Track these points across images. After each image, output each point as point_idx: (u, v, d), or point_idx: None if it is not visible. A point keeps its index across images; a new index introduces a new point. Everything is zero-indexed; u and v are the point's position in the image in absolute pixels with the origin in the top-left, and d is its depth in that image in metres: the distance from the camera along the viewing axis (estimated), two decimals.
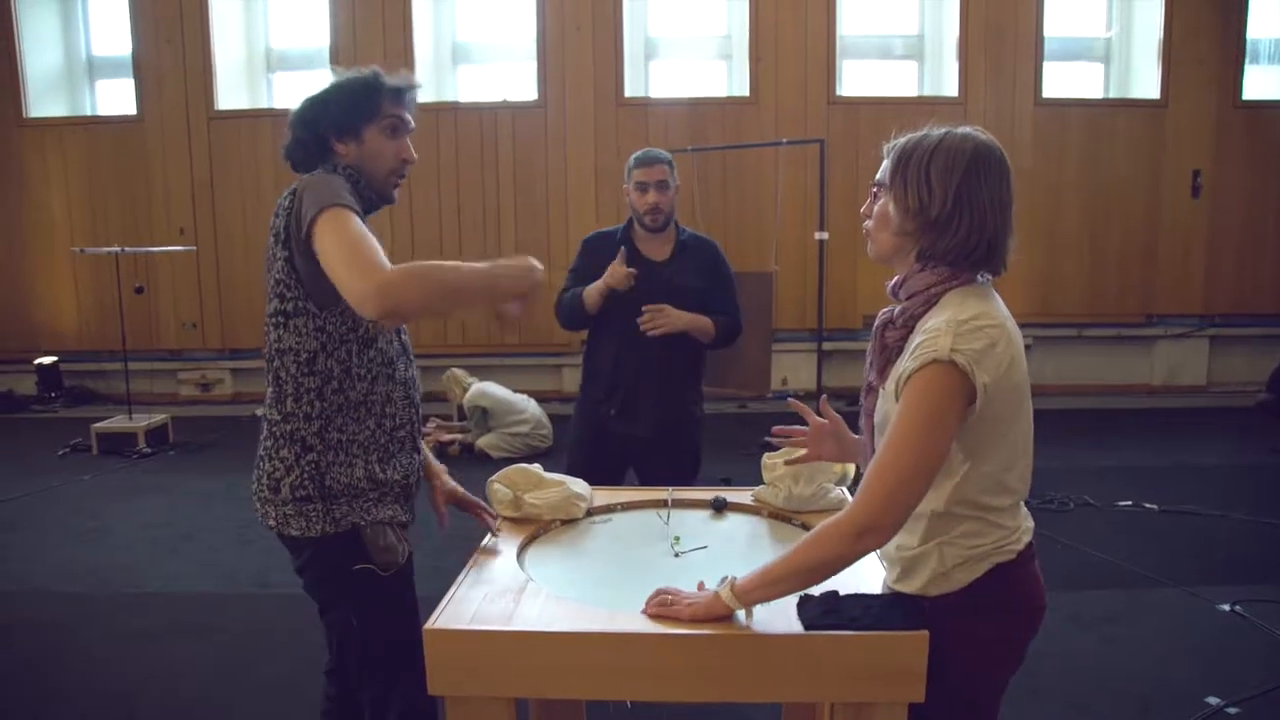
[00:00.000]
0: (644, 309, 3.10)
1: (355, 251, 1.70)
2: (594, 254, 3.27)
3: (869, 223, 1.69)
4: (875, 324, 1.70)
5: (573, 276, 3.30)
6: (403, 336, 2.09)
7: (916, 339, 1.56)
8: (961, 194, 1.56)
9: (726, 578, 1.61)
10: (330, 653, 2.20)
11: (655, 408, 3.22)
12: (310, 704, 2.29)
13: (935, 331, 1.52)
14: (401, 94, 2.01)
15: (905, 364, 1.54)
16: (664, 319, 3.10)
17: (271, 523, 1.96)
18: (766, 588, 1.58)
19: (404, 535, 2.04)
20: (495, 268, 1.82)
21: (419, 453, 2.12)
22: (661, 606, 1.63)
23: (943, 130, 1.62)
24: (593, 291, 3.15)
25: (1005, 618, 1.64)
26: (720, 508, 2.30)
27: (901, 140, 1.66)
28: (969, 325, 1.52)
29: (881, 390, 1.65)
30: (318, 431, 1.92)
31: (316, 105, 1.98)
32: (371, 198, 2.01)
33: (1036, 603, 1.67)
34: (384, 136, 1.99)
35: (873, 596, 1.68)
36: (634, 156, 3.28)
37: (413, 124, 2.05)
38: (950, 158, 1.57)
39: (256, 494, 1.99)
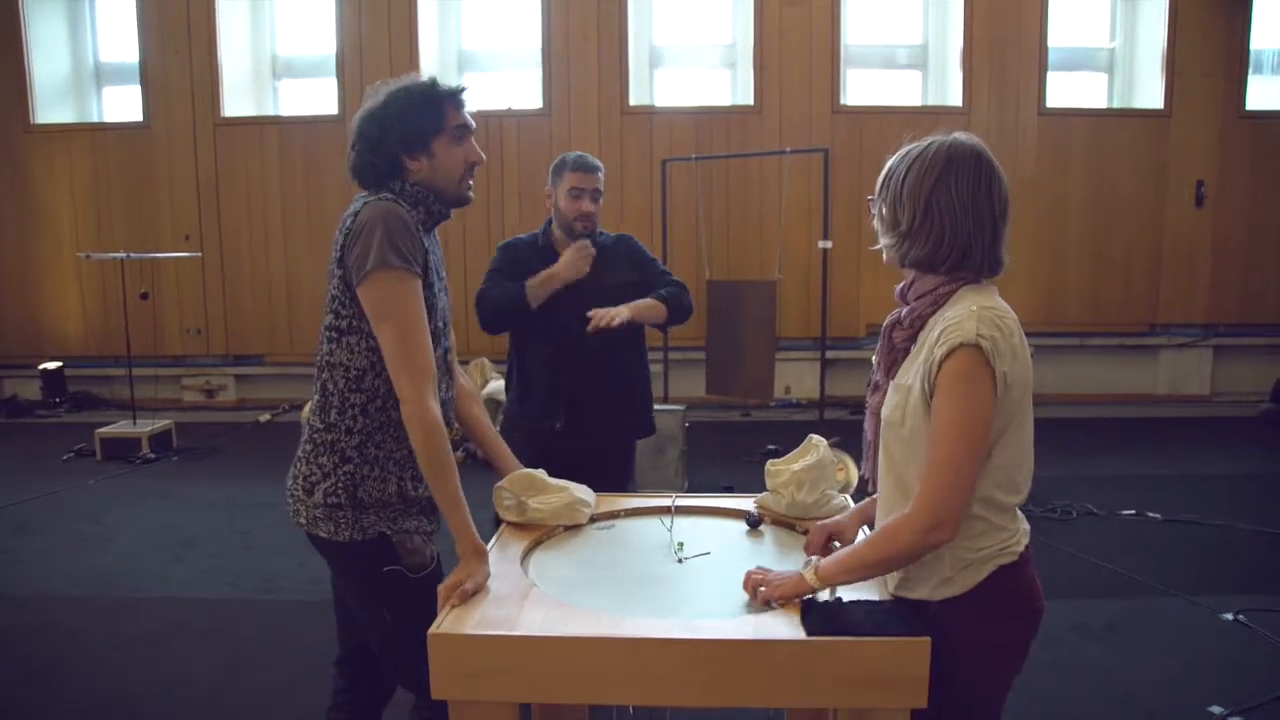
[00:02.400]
0: (588, 314, 2.91)
1: (411, 355, 1.87)
2: (517, 259, 3.08)
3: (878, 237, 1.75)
4: (884, 325, 1.75)
5: (496, 276, 3.07)
6: (448, 356, 2.12)
7: (935, 330, 1.60)
8: (931, 205, 1.61)
9: (811, 560, 1.72)
10: (339, 645, 2.23)
11: (607, 420, 3.08)
12: (314, 708, 2.30)
13: (958, 318, 1.57)
14: (459, 97, 2.02)
15: (934, 352, 1.57)
16: (605, 315, 2.91)
17: (302, 520, 2.01)
18: (845, 574, 1.68)
19: (430, 540, 2.07)
20: (460, 517, 1.89)
21: None
22: (756, 586, 1.73)
23: (928, 142, 1.66)
24: (540, 282, 2.95)
25: (1007, 619, 1.65)
26: (755, 524, 2.26)
27: (894, 156, 1.71)
28: (989, 313, 1.57)
29: (891, 386, 1.68)
30: (358, 445, 1.97)
31: (379, 123, 1.97)
32: (440, 210, 2.04)
33: (1036, 604, 1.69)
34: (452, 145, 2.01)
35: (875, 603, 1.69)
36: (567, 160, 3.13)
37: (473, 125, 2.06)
38: (922, 171, 1.63)
39: (290, 491, 2.04)
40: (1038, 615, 1.70)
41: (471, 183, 2.08)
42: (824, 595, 1.72)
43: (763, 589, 1.72)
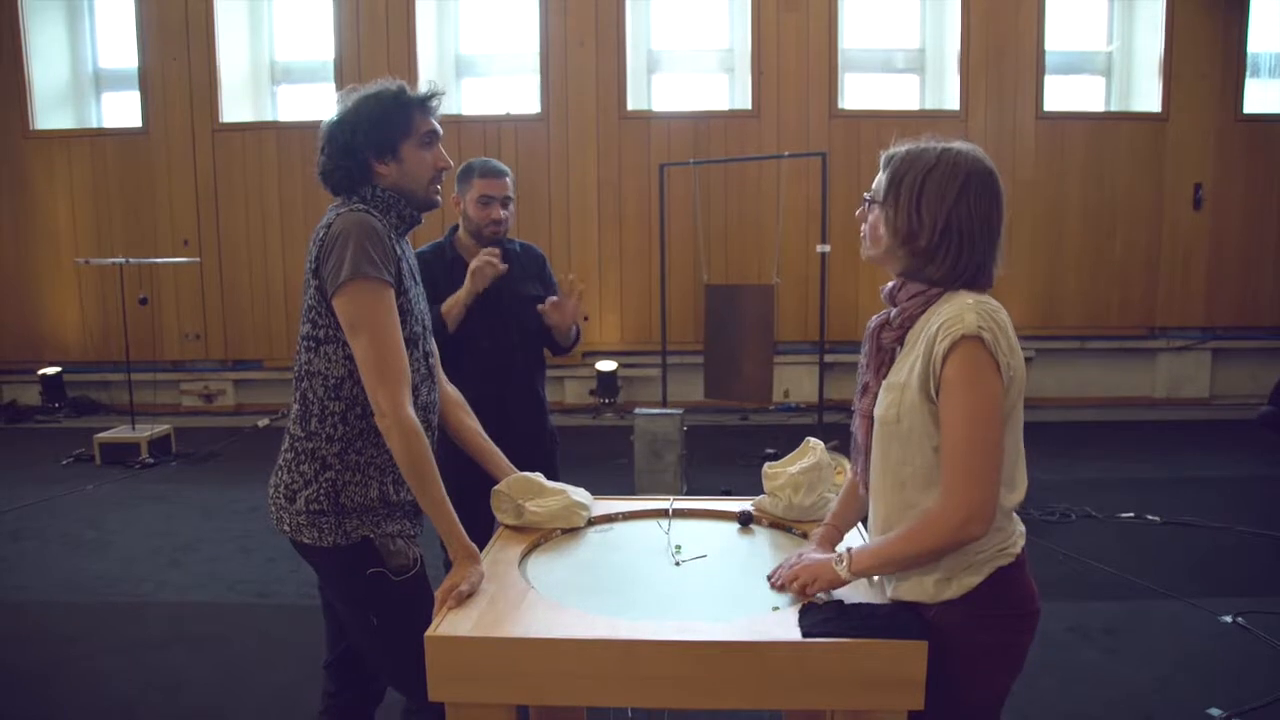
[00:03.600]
0: (569, 277, 3.03)
1: (384, 364, 1.88)
2: (427, 275, 2.83)
3: (864, 228, 1.72)
4: (870, 327, 1.73)
5: None
6: (429, 360, 2.13)
7: (933, 326, 1.58)
8: (951, 223, 1.59)
9: (845, 552, 1.70)
10: (328, 648, 2.23)
11: (522, 424, 3.03)
12: (311, 712, 2.30)
13: (957, 313, 1.56)
14: (428, 104, 2.05)
15: (936, 348, 1.55)
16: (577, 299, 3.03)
17: (286, 528, 2.03)
18: (878, 569, 1.69)
19: (412, 542, 2.08)
20: (447, 521, 1.92)
21: None
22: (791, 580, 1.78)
23: (938, 148, 1.64)
24: (455, 303, 2.91)
25: (1007, 621, 1.65)
26: (746, 522, 2.27)
27: (898, 152, 1.68)
28: (985, 307, 1.56)
29: (883, 386, 1.67)
30: (338, 453, 1.98)
31: (349, 128, 2.00)
32: (411, 215, 2.07)
33: (1032, 605, 1.69)
34: (421, 150, 2.04)
35: (873, 606, 1.69)
36: (474, 166, 3.03)
37: (441, 131, 2.09)
38: (943, 185, 1.60)
39: (272, 499, 2.06)
40: (1035, 617, 1.69)
41: (439, 187, 2.10)
42: (821, 596, 1.74)
43: (795, 582, 1.75)
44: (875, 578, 1.78)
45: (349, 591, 2.05)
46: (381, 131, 1.99)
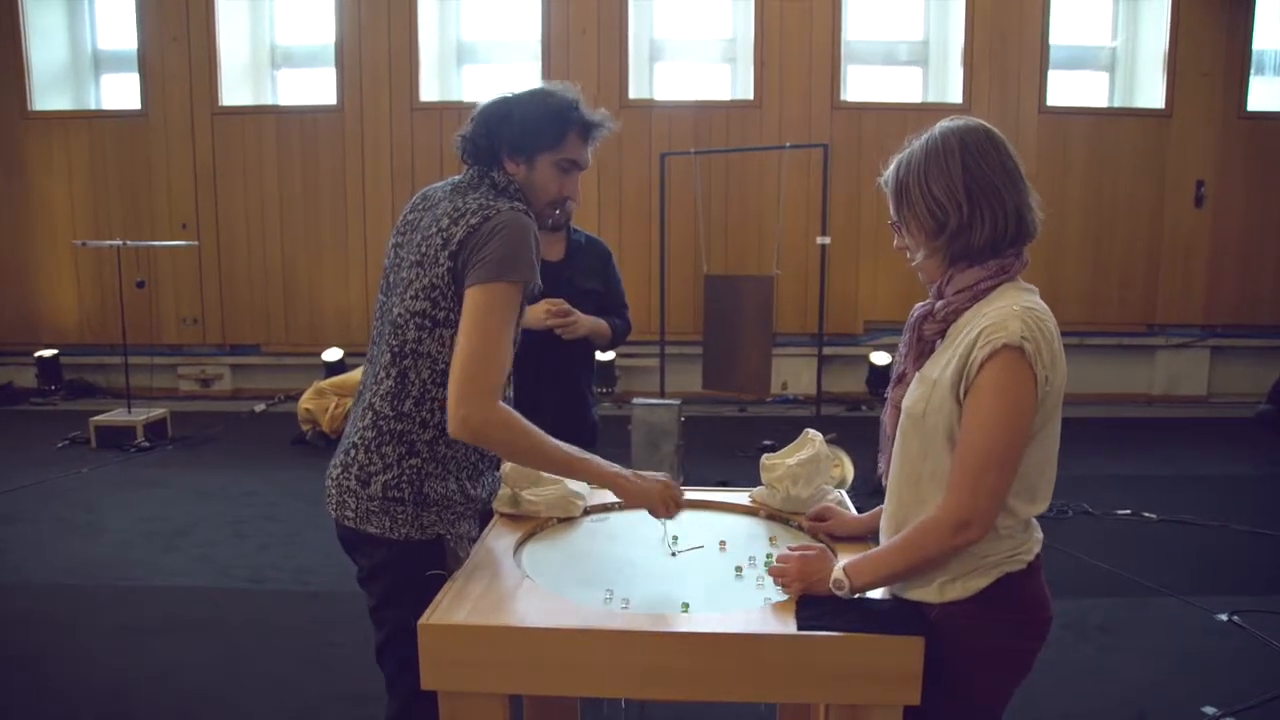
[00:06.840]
0: (548, 308, 2.90)
1: (480, 367, 1.75)
2: None
3: (909, 257, 1.70)
4: (913, 316, 1.71)
5: None
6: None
7: (975, 330, 1.55)
8: (970, 189, 1.57)
9: (843, 572, 1.65)
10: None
11: (555, 413, 2.92)
12: (305, 699, 2.28)
13: (1002, 319, 1.53)
14: (590, 131, 1.99)
15: (975, 353, 1.53)
16: (574, 322, 2.92)
17: (349, 514, 1.91)
18: (877, 581, 1.65)
19: (473, 544, 2.00)
20: (582, 463, 1.89)
21: (498, 469, 2.11)
22: (781, 577, 1.73)
23: (921, 141, 1.63)
24: None
25: (1011, 627, 1.63)
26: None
27: (890, 171, 1.67)
28: (1032, 314, 1.54)
29: (916, 377, 1.66)
30: (429, 441, 1.89)
31: (503, 114, 1.94)
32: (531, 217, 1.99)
33: (1042, 613, 1.67)
34: (554, 170, 1.97)
35: (873, 600, 1.68)
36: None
37: (587, 164, 2.02)
38: (943, 163, 1.59)
39: (339, 481, 1.93)
40: (1044, 625, 1.67)
41: (554, 215, 2.04)
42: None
43: (789, 583, 1.70)
44: None
45: (399, 587, 1.90)
46: (528, 132, 1.92)
